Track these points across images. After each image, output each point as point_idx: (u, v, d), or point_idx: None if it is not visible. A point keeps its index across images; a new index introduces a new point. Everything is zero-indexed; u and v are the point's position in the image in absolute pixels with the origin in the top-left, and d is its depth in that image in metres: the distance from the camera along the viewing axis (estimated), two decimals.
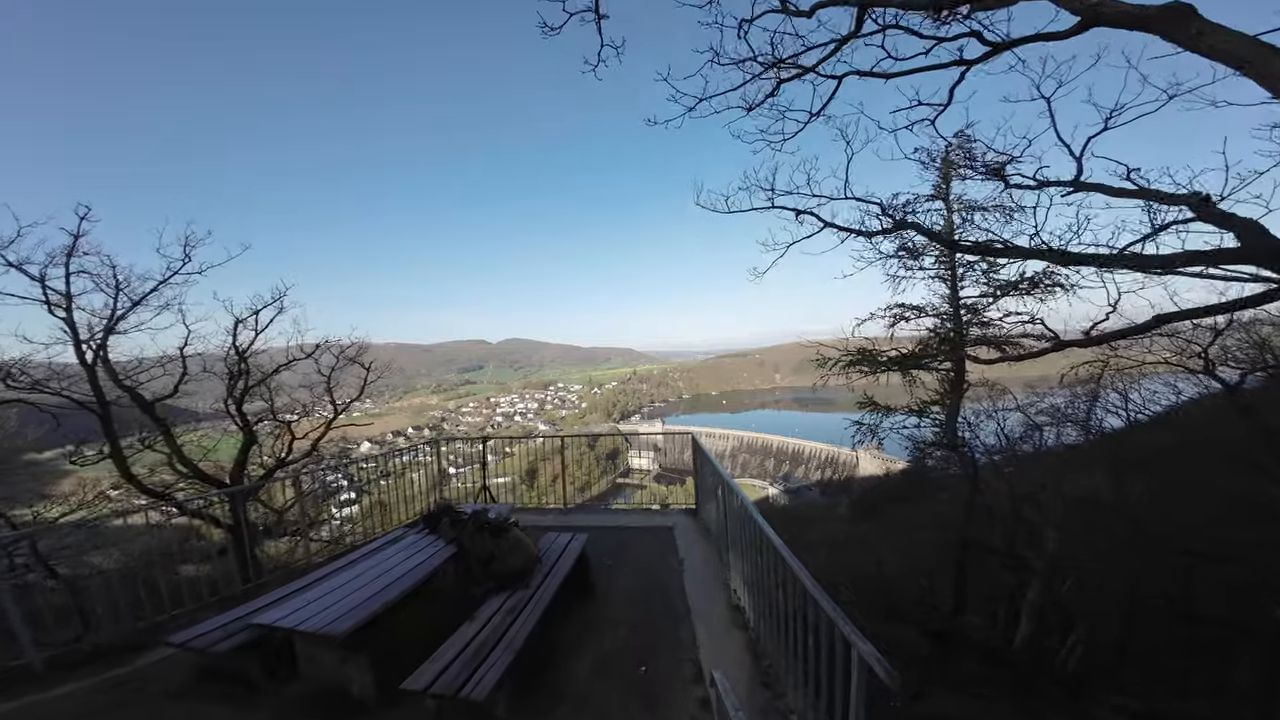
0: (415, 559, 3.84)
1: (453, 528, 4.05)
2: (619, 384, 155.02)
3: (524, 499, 11.29)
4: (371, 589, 3.48)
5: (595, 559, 5.13)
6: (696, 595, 4.52)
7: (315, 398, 8.62)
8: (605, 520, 6.45)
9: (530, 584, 3.90)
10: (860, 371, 8.70)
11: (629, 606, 4.36)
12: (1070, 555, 6.63)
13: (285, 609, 3.36)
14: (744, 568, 4.09)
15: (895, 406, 8.96)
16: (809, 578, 2.68)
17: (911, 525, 13.87)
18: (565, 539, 4.62)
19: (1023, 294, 8.06)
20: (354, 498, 14.55)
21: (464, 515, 4.08)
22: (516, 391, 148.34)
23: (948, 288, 8.48)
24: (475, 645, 3.27)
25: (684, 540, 5.67)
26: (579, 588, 4.50)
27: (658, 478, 69.09)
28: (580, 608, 4.36)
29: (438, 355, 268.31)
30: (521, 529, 4.18)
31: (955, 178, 8.50)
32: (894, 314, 9.18)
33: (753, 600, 3.88)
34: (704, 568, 5.02)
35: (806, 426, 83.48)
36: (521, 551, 3.93)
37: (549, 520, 6.61)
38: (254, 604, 3.77)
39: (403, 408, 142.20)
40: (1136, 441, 7.60)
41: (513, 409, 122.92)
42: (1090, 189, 4.18)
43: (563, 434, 7.48)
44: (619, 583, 4.72)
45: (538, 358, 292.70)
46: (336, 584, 3.63)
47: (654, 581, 4.76)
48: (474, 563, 3.87)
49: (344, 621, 3.11)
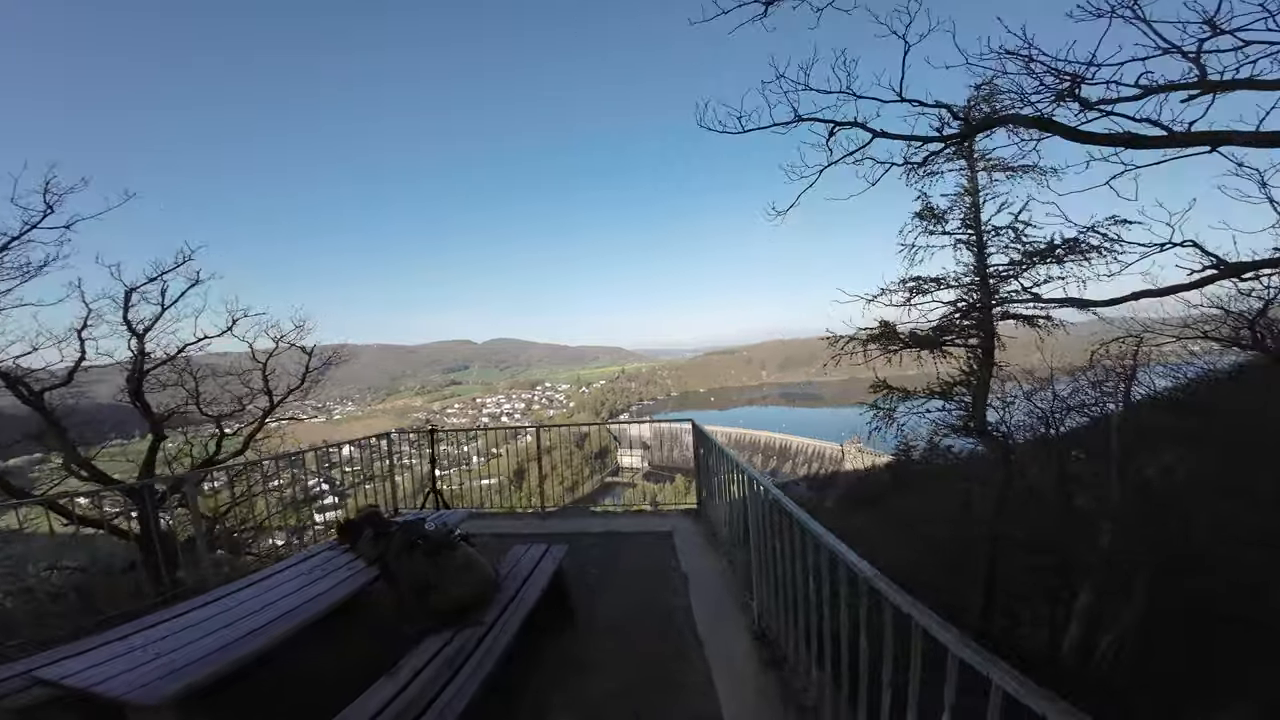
0: (315, 587, 2.74)
1: (375, 544, 2.95)
2: (607, 383, 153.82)
3: (515, 501, 10.09)
4: (237, 630, 2.38)
5: (577, 575, 4.07)
6: (708, 621, 3.48)
7: (251, 390, 7.40)
8: (590, 525, 5.38)
9: (484, 618, 2.83)
10: (880, 348, 7.74)
11: (620, 639, 3.31)
12: (1125, 549, 5.74)
13: (101, 655, 2.25)
14: (771, 581, 3.08)
15: (914, 389, 8.03)
16: (906, 598, 1.69)
17: (906, 518, 13.07)
18: (537, 553, 3.54)
19: (1059, 260, 7.15)
20: (336, 502, 13.21)
21: (391, 527, 2.99)
22: (503, 392, 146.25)
23: (973, 254, 7.56)
24: (390, 716, 2.20)
25: (686, 548, 4.63)
26: (554, 616, 3.44)
27: (647, 475, 68.16)
28: (555, 642, 3.29)
29: (422, 356, 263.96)
30: (474, 544, 3.09)
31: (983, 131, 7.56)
32: (910, 287, 8.23)
33: (788, 626, 2.87)
34: (714, 583, 3.98)
35: (794, 422, 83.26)
36: (471, 576, 2.85)
37: (523, 527, 5.51)
38: (80, 644, 2.64)
39: (387, 409, 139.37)
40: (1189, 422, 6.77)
41: (499, 409, 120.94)
42: (1231, 88, 3.14)
43: (537, 425, 6.37)
44: (607, 607, 3.66)
45: (525, 357, 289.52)
46: (195, 620, 2.53)
47: (651, 603, 3.72)
48: (404, 592, 2.79)
49: (172, 681, 2.01)
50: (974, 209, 7.59)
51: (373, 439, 5.92)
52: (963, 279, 7.67)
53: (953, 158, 7.99)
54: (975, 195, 7.55)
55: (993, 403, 7.43)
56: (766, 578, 3.14)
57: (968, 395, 7.53)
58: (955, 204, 7.68)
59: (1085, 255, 6.71)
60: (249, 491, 7.47)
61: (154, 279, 5.97)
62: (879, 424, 8.24)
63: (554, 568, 3.38)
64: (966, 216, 7.59)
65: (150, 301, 6.07)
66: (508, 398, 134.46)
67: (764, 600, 3.22)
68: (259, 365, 7.09)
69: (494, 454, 13.04)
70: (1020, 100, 3.91)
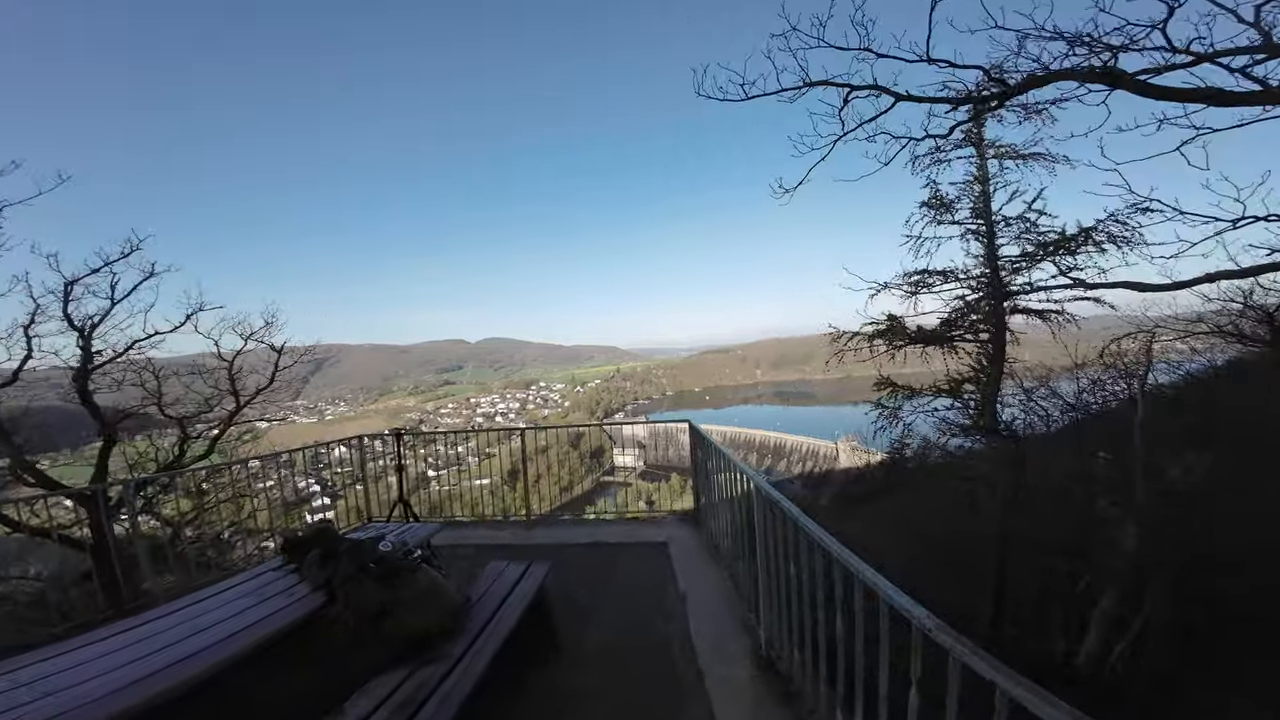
0: (250, 614, 2.33)
1: (322, 567, 2.54)
2: (602, 382, 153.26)
3: (509, 504, 9.62)
4: (150, 665, 1.97)
5: (563, 595, 3.68)
6: (708, 647, 3.10)
7: (219, 390, 6.93)
8: (579, 535, 4.97)
9: (451, 650, 2.43)
10: (886, 343, 7.38)
11: (609, 670, 2.92)
12: (1152, 552, 5.40)
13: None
14: (779, 600, 2.71)
15: (919, 387, 7.68)
16: (947, 631, 1.36)
17: (902, 518, 12.78)
18: (516, 572, 3.14)
19: (1071, 252, 6.83)
20: (329, 503, 12.72)
21: (342, 546, 2.57)
22: (497, 391, 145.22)
23: (983, 244, 7.21)
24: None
25: (684, 560, 4.23)
26: (536, 643, 3.05)
27: (643, 475, 67.87)
28: (536, 675, 2.90)
29: (415, 356, 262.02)
30: (439, 564, 2.69)
31: (991, 115, 7.21)
32: (915, 281, 7.88)
33: (798, 652, 2.51)
34: (715, 601, 3.59)
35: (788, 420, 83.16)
36: (433, 603, 2.45)
37: (507, 537, 5.08)
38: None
39: (379, 410, 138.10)
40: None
41: (494, 409, 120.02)
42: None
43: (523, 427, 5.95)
44: (596, 632, 3.26)
45: (519, 357, 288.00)
46: (109, 649, 2.12)
47: (646, 627, 3.32)
48: (354, 623, 2.38)
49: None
50: (983, 198, 7.25)
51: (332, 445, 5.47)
52: (972, 271, 7.33)
53: (961, 144, 7.64)
54: (985, 184, 7.20)
55: (1002, 400, 7.09)
56: (774, 596, 2.77)
57: (977, 393, 7.19)
58: (964, 193, 7.32)
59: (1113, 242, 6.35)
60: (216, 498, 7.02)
61: (97, 270, 5.49)
62: (883, 422, 7.89)
63: (534, 589, 2.98)
64: (976, 205, 7.24)
65: (99, 295, 5.60)
66: (502, 397, 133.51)
67: (771, 623, 2.85)
68: (225, 364, 6.62)
69: (488, 454, 12.61)
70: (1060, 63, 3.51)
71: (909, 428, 7.82)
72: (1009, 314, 6.97)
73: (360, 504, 5.46)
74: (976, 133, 7.58)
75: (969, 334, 7.22)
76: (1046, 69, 3.32)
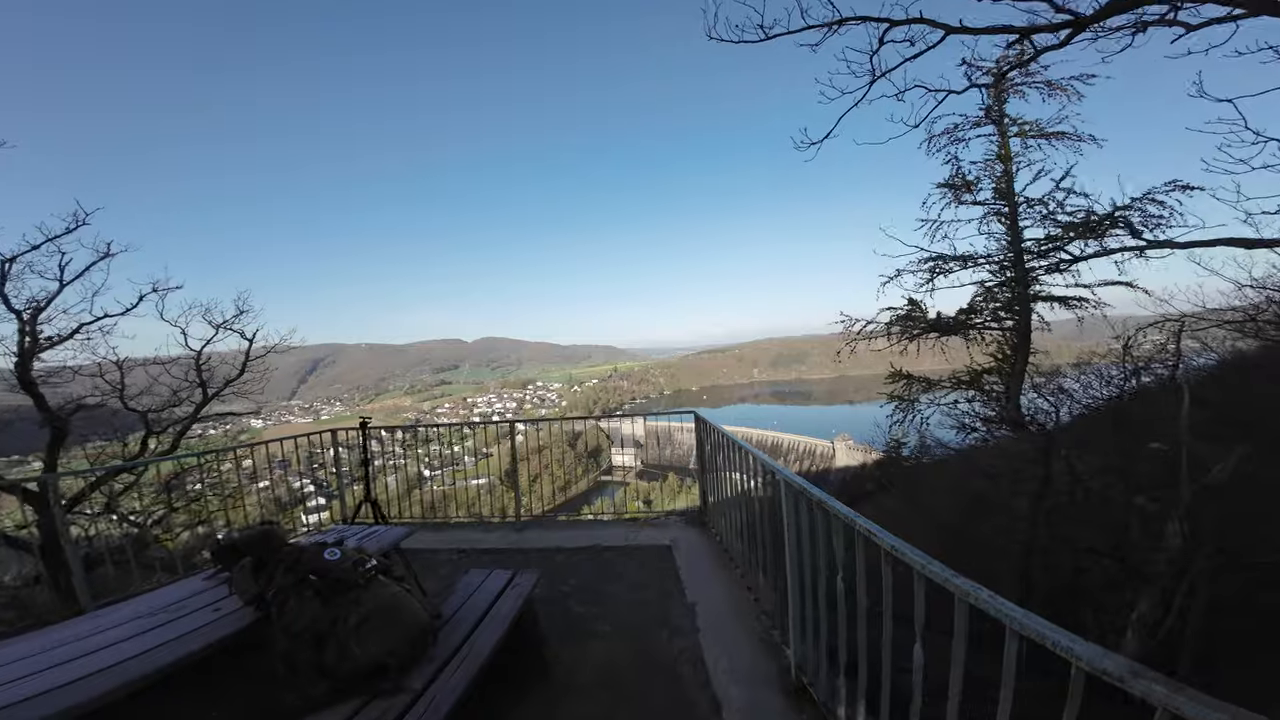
0: (159, 634, 1.84)
1: (254, 578, 2.06)
2: (600, 381, 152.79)
3: (505, 503, 9.19)
4: (10, 694, 1.49)
5: (555, 609, 3.20)
6: (724, 669, 2.62)
7: (189, 382, 6.42)
8: (574, 538, 4.46)
9: (412, 683, 1.96)
10: (906, 330, 6.90)
11: (607, 700, 2.45)
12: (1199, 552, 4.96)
13: None
14: (813, 612, 2.26)
15: (936, 379, 7.23)
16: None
17: (901, 517, 12.40)
18: (497, 583, 2.66)
19: (1100, 236, 6.37)
20: (324, 503, 12.20)
21: (283, 554, 2.09)
22: (494, 391, 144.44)
23: (1005, 226, 6.75)
24: None
25: (691, 566, 3.76)
26: (520, 668, 2.58)
27: (641, 474, 67.46)
28: (520, 706, 2.43)
29: (411, 355, 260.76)
30: (399, 574, 2.21)
31: (1014, 92, 6.76)
32: (930, 266, 7.42)
33: (841, 675, 2.05)
34: (729, 613, 3.12)
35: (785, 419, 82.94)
36: (388, 624, 1.97)
37: (495, 540, 4.58)
38: None
39: (375, 409, 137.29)
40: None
41: (490, 409, 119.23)
42: None
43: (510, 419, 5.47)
44: (591, 653, 2.78)
45: (516, 356, 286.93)
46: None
47: (650, 646, 2.85)
48: (289, 647, 1.90)
49: None
50: (1006, 177, 6.80)
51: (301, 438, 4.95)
52: (993, 255, 6.87)
53: (980, 122, 7.19)
54: (1008, 162, 6.74)
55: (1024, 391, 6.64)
56: (806, 608, 2.31)
57: (1000, 384, 6.74)
58: (985, 172, 6.86)
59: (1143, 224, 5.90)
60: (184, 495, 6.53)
61: (39, 246, 4.93)
62: (898, 416, 7.43)
63: (519, 604, 2.50)
64: (998, 185, 6.78)
65: (46, 276, 5.07)
66: (499, 397, 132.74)
67: (803, 640, 2.38)
68: (192, 354, 6.10)
69: (486, 454, 12.17)
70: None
71: (926, 421, 7.36)
72: (1034, 300, 6.51)
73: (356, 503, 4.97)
74: (997, 109, 7.13)
75: (992, 321, 6.76)
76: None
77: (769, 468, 2.74)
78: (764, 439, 76.35)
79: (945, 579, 1.43)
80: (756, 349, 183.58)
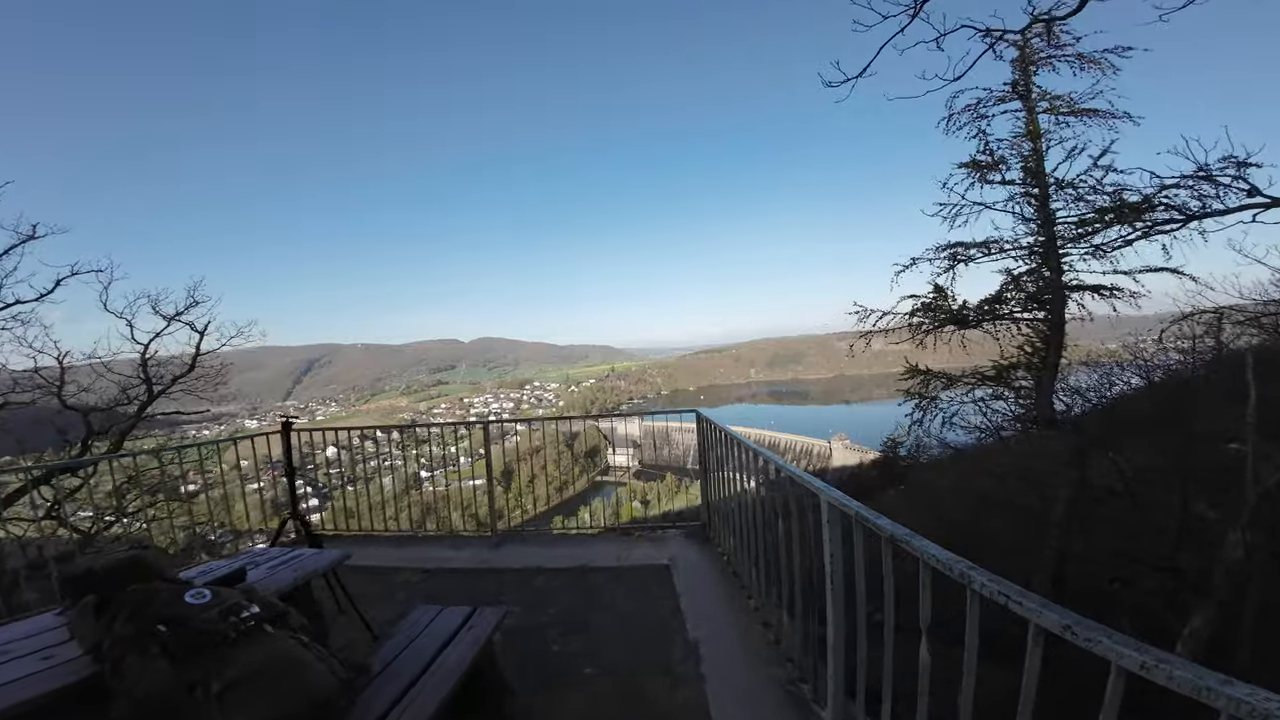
0: None
1: (95, 622, 1.48)
2: (597, 382, 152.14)
3: (504, 503, 8.63)
4: None
5: (529, 648, 2.63)
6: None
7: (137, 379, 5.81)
8: (556, 556, 3.85)
9: None
10: (929, 321, 6.34)
11: None
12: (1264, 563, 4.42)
13: None
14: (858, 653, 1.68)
15: (958, 375, 6.68)
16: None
17: (900, 517, 11.96)
18: (450, 623, 2.08)
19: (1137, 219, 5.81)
20: (318, 504, 11.80)
21: (128, 595, 1.51)
22: (491, 391, 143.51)
23: (1035, 209, 6.19)
24: None
25: (693, 592, 3.17)
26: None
27: (638, 474, 67.02)
28: None
29: (408, 356, 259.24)
30: (307, 628, 1.63)
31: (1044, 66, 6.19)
32: (951, 254, 6.86)
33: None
34: (741, 657, 2.54)
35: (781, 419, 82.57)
36: (272, 695, 1.39)
37: (465, 559, 3.95)
38: None
39: (371, 410, 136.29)
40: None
41: (487, 409, 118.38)
42: None
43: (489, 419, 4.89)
44: (571, 704, 2.21)
45: (513, 356, 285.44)
46: None
47: (642, 697, 2.27)
48: (132, 715, 1.32)
49: None
50: (1035, 156, 6.25)
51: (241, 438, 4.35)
52: (1020, 241, 6.31)
53: (1006, 97, 6.63)
54: (1037, 140, 6.19)
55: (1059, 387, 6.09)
56: (847, 654, 1.74)
57: (1028, 380, 6.18)
58: (1011, 151, 6.30)
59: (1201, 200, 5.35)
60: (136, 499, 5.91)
61: None
62: (917, 415, 6.85)
63: (472, 654, 1.92)
64: (1027, 164, 6.23)
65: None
66: (496, 397, 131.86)
67: (843, 695, 1.81)
68: (139, 348, 5.49)
69: (481, 454, 11.74)
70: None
71: (949, 420, 6.80)
72: (1069, 290, 5.94)
73: (349, 508, 4.37)
74: (1024, 83, 6.58)
75: (1022, 311, 6.20)
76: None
77: (801, 482, 2.14)
78: (761, 438, 75.79)
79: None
80: (753, 349, 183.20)
